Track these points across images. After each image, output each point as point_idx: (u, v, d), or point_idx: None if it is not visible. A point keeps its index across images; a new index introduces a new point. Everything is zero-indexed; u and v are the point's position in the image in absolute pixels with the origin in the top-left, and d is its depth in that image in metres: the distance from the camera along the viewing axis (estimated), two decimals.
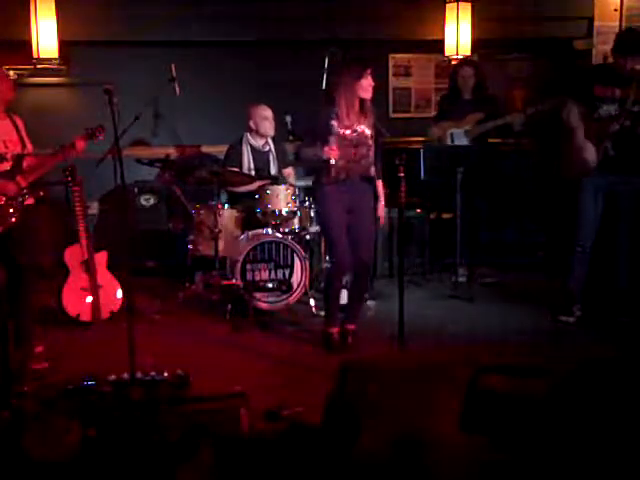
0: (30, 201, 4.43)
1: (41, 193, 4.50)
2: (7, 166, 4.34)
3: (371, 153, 4.57)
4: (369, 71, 4.46)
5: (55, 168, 4.66)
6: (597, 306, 5.19)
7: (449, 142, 6.15)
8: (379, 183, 4.70)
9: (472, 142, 6.10)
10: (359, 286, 4.74)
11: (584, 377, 2.47)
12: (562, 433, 2.28)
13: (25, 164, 4.41)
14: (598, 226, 4.96)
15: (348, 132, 4.50)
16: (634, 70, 4.78)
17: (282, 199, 5.38)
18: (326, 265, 5.86)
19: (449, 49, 6.68)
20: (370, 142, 4.56)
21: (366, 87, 4.46)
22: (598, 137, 4.85)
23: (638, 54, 4.76)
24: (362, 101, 4.50)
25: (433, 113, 7.38)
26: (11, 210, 4.30)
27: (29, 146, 4.50)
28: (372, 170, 4.59)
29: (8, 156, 4.35)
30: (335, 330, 4.69)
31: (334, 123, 4.47)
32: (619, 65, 4.80)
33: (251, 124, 5.87)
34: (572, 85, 5.16)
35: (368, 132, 4.55)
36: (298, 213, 5.51)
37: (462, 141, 6.12)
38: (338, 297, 4.75)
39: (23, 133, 4.47)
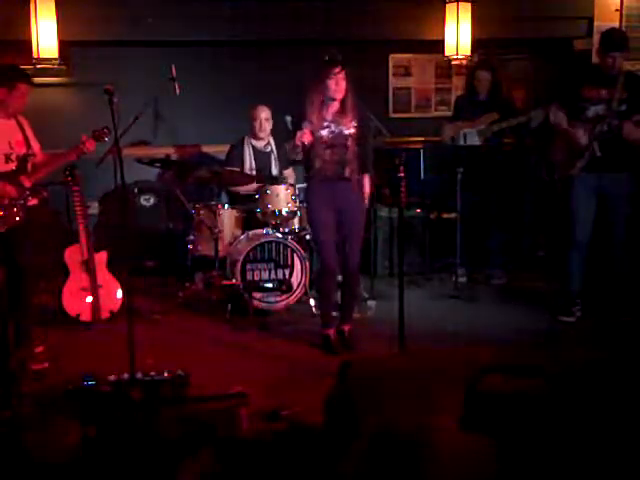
0: (34, 202, 4.43)
1: (45, 194, 4.51)
2: (12, 166, 4.35)
3: (349, 154, 4.49)
4: (335, 71, 4.37)
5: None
6: (597, 306, 5.19)
7: (461, 142, 6.15)
8: (365, 177, 4.62)
9: (484, 142, 6.10)
10: (349, 287, 4.74)
11: (584, 377, 2.47)
12: (562, 433, 2.28)
13: (30, 165, 4.42)
14: (592, 226, 4.97)
15: (325, 133, 4.46)
16: (619, 68, 4.79)
17: (282, 199, 5.38)
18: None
19: (449, 49, 6.68)
20: (349, 143, 4.48)
21: (332, 88, 4.40)
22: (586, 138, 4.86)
23: (621, 51, 4.77)
24: (343, 100, 4.44)
25: (434, 113, 7.39)
26: (15, 210, 4.31)
27: (35, 146, 4.50)
28: (347, 171, 4.50)
29: (13, 157, 4.35)
30: (331, 332, 4.69)
31: (308, 124, 4.43)
32: (604, 64, 4.81)
33: (248, 125, 5.90)
34: (559, 87, 5.17)
35: (347, 132, 4.48)
36: (298, 213, 5.51)
37: (474, 141, 6.11)
38: (330, 298, 4.74)
39: (28, 133, 4.49)
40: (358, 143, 4.52)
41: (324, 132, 4.46)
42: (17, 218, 4.31)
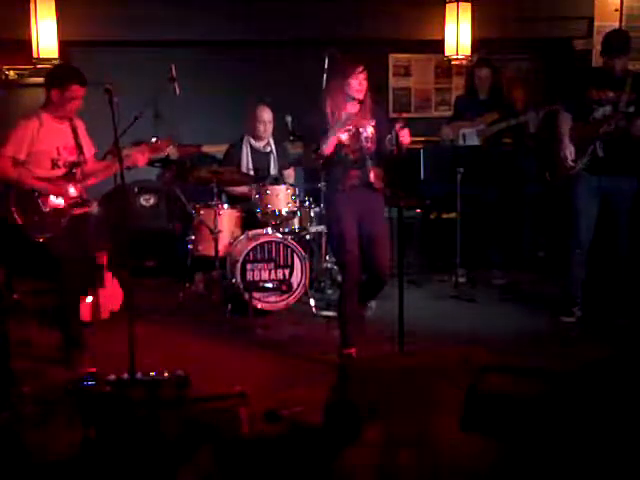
0: (80, 211, 4.34)
1: (92, 207, 4.43)
2: (59, 173, 4.25)
3: (369, 158, 4.27)
4: (359, 70, 4.19)
5: None
6: (597, 307, 5.19)
7: (461, 142, 6.14)
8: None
9: (483, 142, 6.10)
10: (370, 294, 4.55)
11: (584, 377, 2.47)
12: (562, 433, 2.28)
13: (79, 172, 4.31)
14: (594, 227, 4.97)
15: (345, 137, 4.26)
16: (625, 70, 4.79)
17: (282, 199, 5.38)
18: (327, 265, 5.86)
19: (449, 49, 6.68)
20: (368, 144, 4.27)
21: (356, 87, 4.19)
22: (589, 138, 4.85)
23: (623, 53, 4.77)
24: (362, 101, 4.24)
25: (434, 113, 7.40)
26: (54, 218, 4.20)
27: (89, 151, 4.40)
28: (372, 176, 4.28)
29: (60, 163, 4.25)
30: (353, 351, 4.35)
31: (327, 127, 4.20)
32: (610, 67, 4.80)
33: (249, 125, 5.89)
34: (566, 89, 5.17)
35: (366, 134, 4.28)
36: (298, 213, 5.51)
37: (474, 141, 6.10)
38: (355, 314, 4.47)
39: (82, 139, 4.37)
40: (380, 141, 4.30)
41: (344, 135, 4.24)
42: (55, 228, 4.17)
